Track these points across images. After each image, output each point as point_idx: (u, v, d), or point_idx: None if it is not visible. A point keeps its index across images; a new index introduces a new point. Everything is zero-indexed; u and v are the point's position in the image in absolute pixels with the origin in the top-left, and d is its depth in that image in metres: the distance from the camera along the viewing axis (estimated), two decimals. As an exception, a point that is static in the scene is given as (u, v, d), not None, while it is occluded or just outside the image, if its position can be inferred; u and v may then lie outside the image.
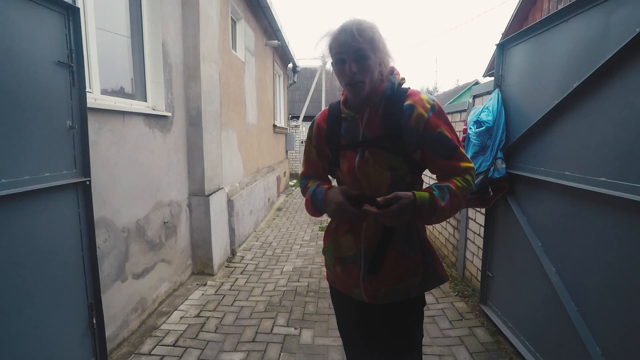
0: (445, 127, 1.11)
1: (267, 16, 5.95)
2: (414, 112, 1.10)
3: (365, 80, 1.07)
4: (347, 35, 1.04)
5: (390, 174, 1.13)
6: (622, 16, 1.44)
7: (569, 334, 1.70)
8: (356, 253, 1.20)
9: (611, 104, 1.50)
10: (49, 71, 1.59)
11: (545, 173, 1.91)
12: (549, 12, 5.69)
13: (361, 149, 1.15)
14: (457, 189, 1.09)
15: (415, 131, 1.10)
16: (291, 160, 12.14)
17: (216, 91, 3.74)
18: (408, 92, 1.15)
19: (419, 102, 1.11)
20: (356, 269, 1.20)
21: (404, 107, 1.11)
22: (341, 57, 1.07)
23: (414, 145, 1.11)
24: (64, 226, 1.70)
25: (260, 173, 6.07)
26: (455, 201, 1.08)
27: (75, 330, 1.79)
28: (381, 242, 1.15)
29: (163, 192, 2.93)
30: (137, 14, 2.79)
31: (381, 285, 1.16)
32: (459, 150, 1.13)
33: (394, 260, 1.15)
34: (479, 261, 2.87)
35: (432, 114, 1.10)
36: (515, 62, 2.29)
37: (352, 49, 1.04)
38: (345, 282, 1.25)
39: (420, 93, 1.14)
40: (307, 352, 2.27)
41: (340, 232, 1.25)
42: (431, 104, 1.11)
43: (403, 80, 1.19)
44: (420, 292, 1.21)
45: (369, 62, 1.06)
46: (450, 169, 1.13)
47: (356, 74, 1.06)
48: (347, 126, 1.19)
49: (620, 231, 1.45)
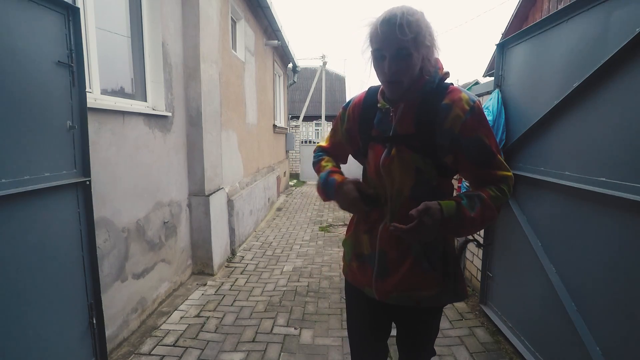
0: (484, 132, 1.02)
1: (267, 16, 5.95)
2: (451, 113, 1.00)
3: (404, 79, 0.99)
4: (391, 30, 0.94)
5: (416, 176, 1.06)
6: (622, 16, 1.44)
7: (569, 334, 1.70)
8: (372, 254, 1.16)
9: (611, 104, 1.50)
10: (49, 71, 1.59)
11: (545, 173, 1.92)
12: (549, 12, 5.69)
13: (389, 145, 1.08)
14: (490, 199, 1.01)
15: (450, 134, 1.01)
16: (291, 160, 12.14)
17: (216, 91, 3.74)
18: (449, 89, 1.05)
19: (458, 102, 1.01)
20: (370, 268, 1.17)
21: (442, 106, 1.02)
22: (381, 53, 0.98)
23: (447, 148, 1.03)
24: (64, 226, 1.70)
25: (260, 173, 6.07)
26: (487, 212, 1.00)
27: (75, 330, 1.79)
28: (395, 246, 1.10)
29: (163, 192, 2.93)
30: (137, 14, 2.79)
31: (393, 289, 1.13)
32: (496, 157, 1.04)
33: (409, 269, 1.10)
34: (479, 261, 2.87)
35: (471, 116, 1.00)
36: (515, 62, 2.29)
37: (394, 46, 0.95)
38: (359, 279, 1.22)
39: (462, 92, 1.03)
40: (307, 352, 2.27)
41: (361, 229, 1.21)
42: (471, 105, 1.01)
43: (446, 74, 1.08)
44: (434, 304, 1.15)
45: (411, 61, 0.97)
46: (485, 177, 1.05)
47: (395, 73, 0.98)
48: (381, 117, 1.12)
49: (620, 231, 1.45)
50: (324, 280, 3.41)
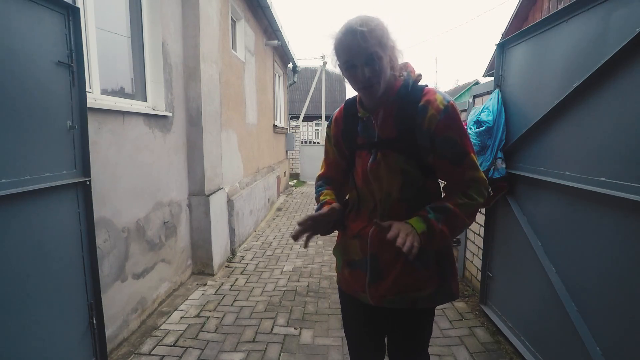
0: (457, 131, 1.05)
1: (267, 16, 5.95)
2: (427, 114, 1.04)
3: (380, 82, 1.02)
4: (355, 39, 0.97)
5: (402, 178, 1.09)
6: (622, 16, 1.44)
7: (569, 334, 1.70)
8: (363, 259, 1.17)
9: (611, 104, 1.50)
10: (49, 71, 1.59)
11: (545, 173, 1.91)
12: (549, 12, 5.69)
13: (375, 150, 1.11)
14: (458, 207, 1.03)
15: (428, 133, 1.04)
16: (291, 160, 12.14)
17: (216, 91, 3.74)
18: (424, 90, 1.08)
19: (433, 102, 1.04)
20: (362, 274, 1.18)
21: (419, 107, 1.05)
22: (352, 63, 1.01)
23: (428, 148, 1.06)
24: (64, 226, 1.70)
25: (260, 173, 6.07)
26: (454, 221, 1.04)
27: (75, 330, 1.79)
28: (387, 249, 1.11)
29: (163, 192, 2.93)
30: (137, 14, 2.79)
31: (386, 292, 1.14)
32: (469, 156, 1.06)
33: (401, 270, 1.11)
34: (479, 261, 2.87)
35: (445, 116, 1.03)
36: (516, 62, 2.29)
37: (362, 54, 0.98)
38: (352, 286, 1.23)
39: (436, 92, 1.07)
40: (307, 352, 2.27)
41: (348, 236, 1.22)
42: (445, 104, 1.04)
43: (419, 77, 1.12)
44: (429, 305, 1.17)
45: (381, 64, 1.00)
46: (456, 177, 1.08)
47: (369, 79, 1.01)
48: (364, 125, 1.15)
49: (620, 231, 1.44)
50: (324, 280, 3.41)
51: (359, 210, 1.21)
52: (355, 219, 1.21)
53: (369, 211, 1.17)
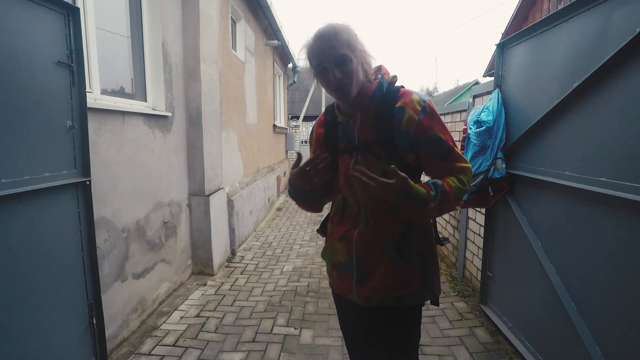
0: (438, 129, 1.08)
1: (267, 16, 5.95)
2: (405, 115, 1.07)
3: (352, 83, 1.05)
4: (324, 43, 1.03)
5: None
6: (622, 16, 1.44)
7: (569, 334, 1.70)
8: (348, 260, 1.20)
9: (611, 104, 1.50)
10: (49, 71, 1.59)
11: (545, 173, 1.91)
12: (549, 12, 5.69)
13: (356, 153, 1.15)
14: (451, 189, 1.05)
15: (407, 134, 1.07)
16: (291, 160, 12.13)
17: (216, 91, 3.74)
18: (400, 92, 1.12)
19: (410, 103, 1.08)
20: (349, 276, 1.20)
21: (395, 109, 1.08)
22: (323, 66, 1.05)
23: (407, 148, 1.09)
24: (64, 226, 1.70)
25: (260, 173, 6.07)
26: (445, 204, 1.05)
27: (75, 330, 1.79)
28: (371, 251, 1.14)
29: (163, 192, 2.93)
30: (137, 14, 2.79)
31: (373, 293, 1.16)
32: (453, 150, 1.10)
33: (385, 270, 1.14)
34: (479, 261, 2.87)
35: (424, 116, 1.07)
36: (515, 62, 2.29)
37: (332, 55, 1.03)
38: (341, 287, 1.26)
39: (412, 93, 1.11)
40: (307, 352, 2.27)
41: (334, 238, 1.25)
42: (422, 105, 1.08)
43: (394, 78, 1.16)
44: (413, 302, 1.19)
45: (351, 65, 1.04)
46: (446, 169, 1.11)
47: (340, 79, 1.04)
48: (344, 130, 1.19)
49: (620, 231, 1.45)
50: (324, 280, 3.41)
51: (344, 214, 1.23)
52: (340, 223, 1.24)
53: (353, 214, 1.19)
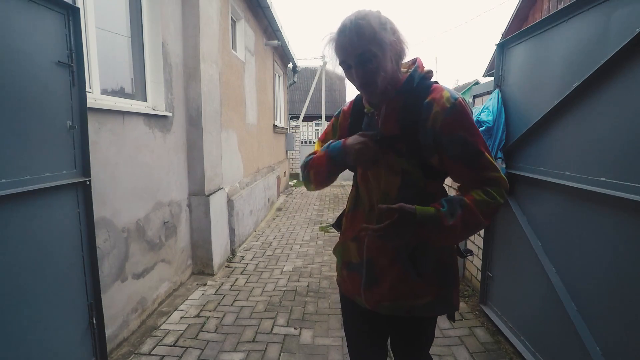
0: (467, 130, 0.99)
1: (267, 16, 5.95)
2: (432, 111, 0.98)
3: (377, 81, 0.98)
4: (346, 39, 0.96)
5: (401, 177, 1.04)
6: (622, 16, 1.44)
7: (569, 334, 1.70)
8: (360, 262, 1.14)
9: (611, 104, 1.50)
10: (49, 71, 1.59)
11: (545, 173, 1.91)
12: (549, 12, 5.69)
13: (379, 147, 1.06)
14: (474, 204, 0.95)
15: (432, 133, 0.99)
16: (291, 160, 12.14)
17: (216, 91, 3.74)
18: (432, 87, 1.03)
19: (439, 100, 0.99)
20: (358, 277, 1.15)
21: (424, 105, 1.00)
22: (346, 63, 1.00)
23: (431, 148, 1.01)
24: (64, 226, 1.70)
25: (260, 173, 6.07)
26: (470, 219, 0.95)
27: (75, 330, 1.78)
28: (383, 254, 1.08)
29: (163, 192, 2.93)
30: (137, 14, 2.79)
31: (381, 298, 1.11)
32: (483, 157, 0.99)
33: (397, 277, 1.08)
34: (479, 261, 2.87)
35: (452, 114, 0.97)
36: (515, 62, 2.29)
37: (354, 54, 0.96)
38: (349, 288, 1.22)
39: (444, 90, 1.01)
40: (307, 352, 2.27)
41: (347, 237, 1.20)
42: (452, 102, 0.98)
43: (429, 73, 1.07)
44: (426, 314, 1.12)
45: (375, 62, 0.96)
46: (472, 178, 1.01)
47: (364, 78, 0.98)
48: (368, 121, 1.13)
49: (620, 231, 1.45)
50: (324, 280, 3.41)
51: (356, 210, 1.18)
52: (353, 220, 1.19)
53: (365, 212, 1.14)
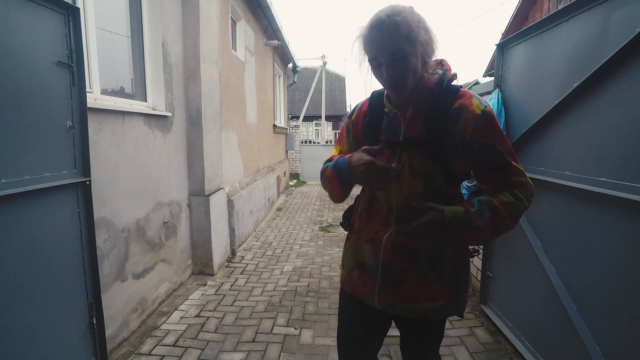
0: (497, 138, 0.98)
1: (267, 16, 5.95)
2: (462, 118, 0.97)
3: (407, 80, 0.95)
4: (380, 36, 0.91)
5: (425, 183, 1.02)
6: (622, 16, 1.44)
7: (569, 334, 1.70)
8: (375, 264, 1.10)
9: (611, 104, 1.50)
10: (49, 71, 1.59)
11: (545, 173, 1.92)
12: (549, 12, 5.69)
13: (399, 150, 1.04)
14: (503, 206, 0.95)
15: (461, 140, 0.98)
16: (291, 160, 12.14)
17: (216, 91, 3.74)
18: (460, 92, 1.01)
19: (469, 106, 0.97)
20: (372, 279, 1.12)
21: (452, 110, 0.98)
22: (377, 60, 0.95)
23: (457, 154, 0.99)
24: (64, 226, 1.70)
25: (260, 173, 6.07)
26: (497, 220, 0.95)
27: (75, 330, 1.78)
28: (400, 257, 1.05)
29: (163, 192, 2.93)
30: (137, 14, 2.79)
31: (396, 300, 1.09)
32: (510, 164, 0.99)
33: (413, 281, 1.06)
34: (479, 261, 2.87)
35: (482, 122, 0.96)
36: (515, 62, 2.29)
37: (387, 52, 0.92)
38: (359, 289, 1.18)
39: (472, 96, 1.00)
40: (307, 352, 2.27)
41: (362, 237, 1.15)
42: (482, 109, 0.97)
43: (454, 76, 1.05)
44: (438, 316, 1.12)
45: (408, 62, 0.93)
46: (500, 183, 1.00)
47: (395, 77, 0.95)
48: (389, 122, 1.08)
49: (620, 231, 1.45)
50: (324, 280, 3.41)
51: (370, 211, 1.13)
52: (368, 221, 1.14)
53: (382, 214, 1.09)
